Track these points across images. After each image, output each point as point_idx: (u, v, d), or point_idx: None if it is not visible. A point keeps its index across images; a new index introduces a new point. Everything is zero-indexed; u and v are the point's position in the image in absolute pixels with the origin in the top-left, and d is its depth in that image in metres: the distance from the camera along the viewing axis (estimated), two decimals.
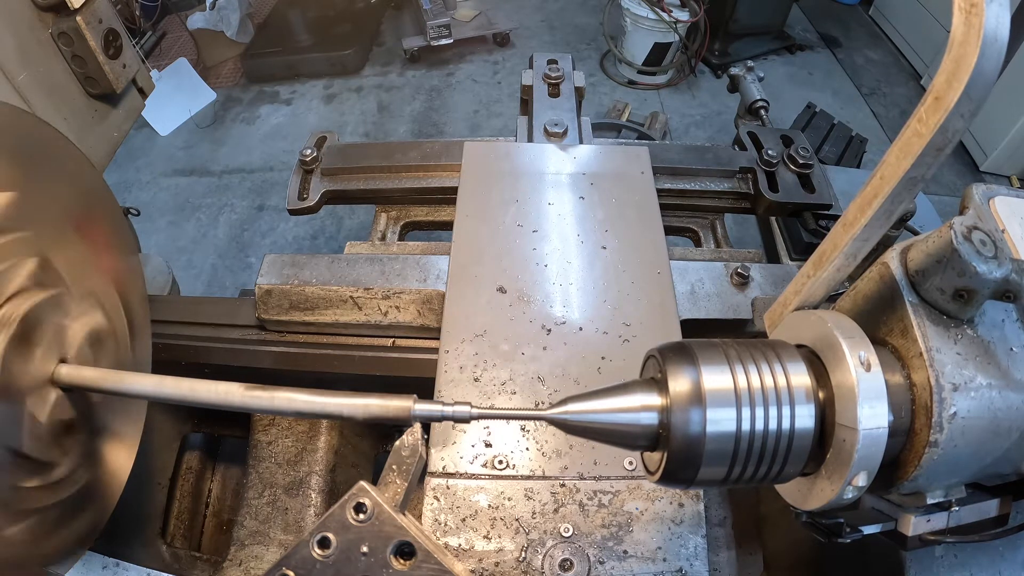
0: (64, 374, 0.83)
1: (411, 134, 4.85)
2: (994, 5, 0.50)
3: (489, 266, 1.29)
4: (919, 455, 0.62)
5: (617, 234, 1.36)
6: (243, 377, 0.79)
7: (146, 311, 1.15)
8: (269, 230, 4.15)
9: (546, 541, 0.96)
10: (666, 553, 0.95)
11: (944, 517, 0.72)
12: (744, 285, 1.35)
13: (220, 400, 0.74)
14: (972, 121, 0.55)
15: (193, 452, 1.75)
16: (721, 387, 0.62)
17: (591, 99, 4.78)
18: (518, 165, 1.52)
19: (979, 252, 0.60)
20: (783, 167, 1.70)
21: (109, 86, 1.54)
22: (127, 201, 3.99)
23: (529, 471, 1.03)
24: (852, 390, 0.60)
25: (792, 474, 0.66)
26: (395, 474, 0.72)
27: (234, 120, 5.04)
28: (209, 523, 1.73)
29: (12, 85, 1.34)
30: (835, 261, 0.68)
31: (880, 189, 0.62)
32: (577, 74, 1.88)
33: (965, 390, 0.61)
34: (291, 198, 1.68)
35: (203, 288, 3.82)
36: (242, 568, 1.40)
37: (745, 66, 2.36)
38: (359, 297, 1.35)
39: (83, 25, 1.43)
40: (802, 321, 0.70)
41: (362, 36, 5.61)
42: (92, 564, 1.16)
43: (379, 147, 1.81)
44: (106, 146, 1.62)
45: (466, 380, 1.12)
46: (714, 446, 0.62)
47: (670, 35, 4.82)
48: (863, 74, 5.44)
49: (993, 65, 0.51)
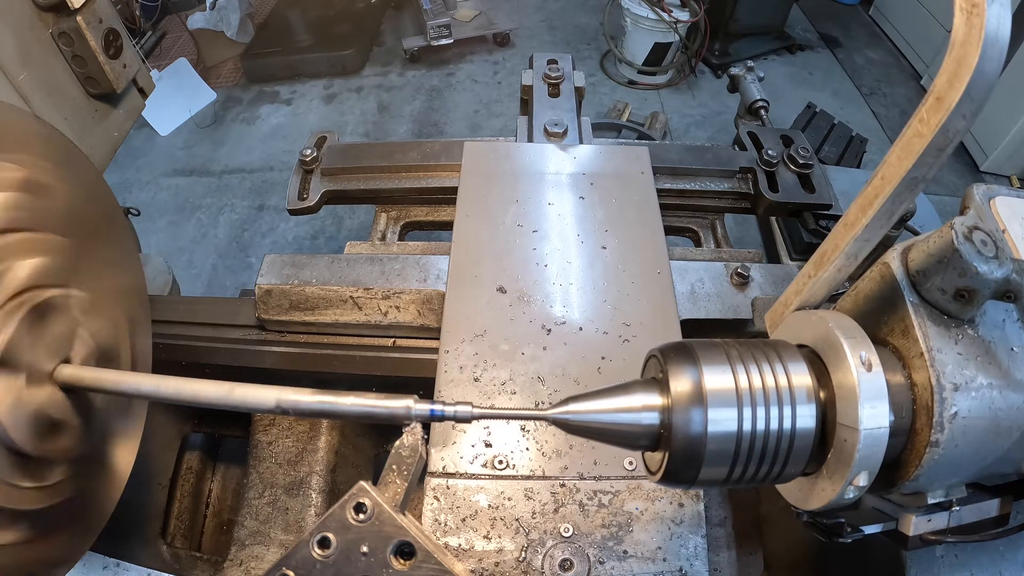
0: (64, 373, 0.83)
1: (411, 134, 4.86)
2: (995, 5, 0.50)
3: (489, 266, 1.29)
4: (920, 455, 0.62)
5: (617, 234, 1.36)
6: (243, 377, 0.79)
7: (146, 311, 1.15)
8: (269, 230, 4.15)
9: (546, 541, 0.96)
10: (666, 553, 0.95)
11: (945, 517, 0.72)
12: (744, 285, 1.35)
13: (220, 400, 0.74)
14: (973, 121, 0.55)
15: (193, 452, 1.75)
16: (722, 387, 0.62)
17: (591, 99, 4.78)
18: (518, 165, 1.52)
19: (980, 252, 0.60)
20: (783, 167, 1.70)
21: (109, 86, 1.54)
22: (127, 201, 3.98)
23: (529, 471, 1.03)
24: (853, 390, 0.60)
25: (793, 474, 0.66)
26: (395, 474, 0.71)
27: (234, 120, 5.04)
28: (209, 523, 1.73)
29: (12, 85, 1.34)
30: (836, 261, 0.68)
31: (881, 189, 0.62)
32: (577, 74, 1.88)
33: (966, 390, 0.61)
34: (291, 198, 1.68)
35: (203, 288, 3.82)
36: (242, 568, 1.40)
37: (745, 66, 2.36)
38: (359, 297, 1.35)
39: (83, 25, 1.43)
40: (803, 321, 0.70)
41: (362, 36, 5.61)
42: (92, 564, 1.16)
43: (379, 147, 1.81)
44: (106, 146, 1.62)
45: (466, 380, 1.12)
46: (715, 446, 0.62)
47: (670, 35, 4.82)
48: (863, 74, 5.44)
49: (994, 65, 0.51)
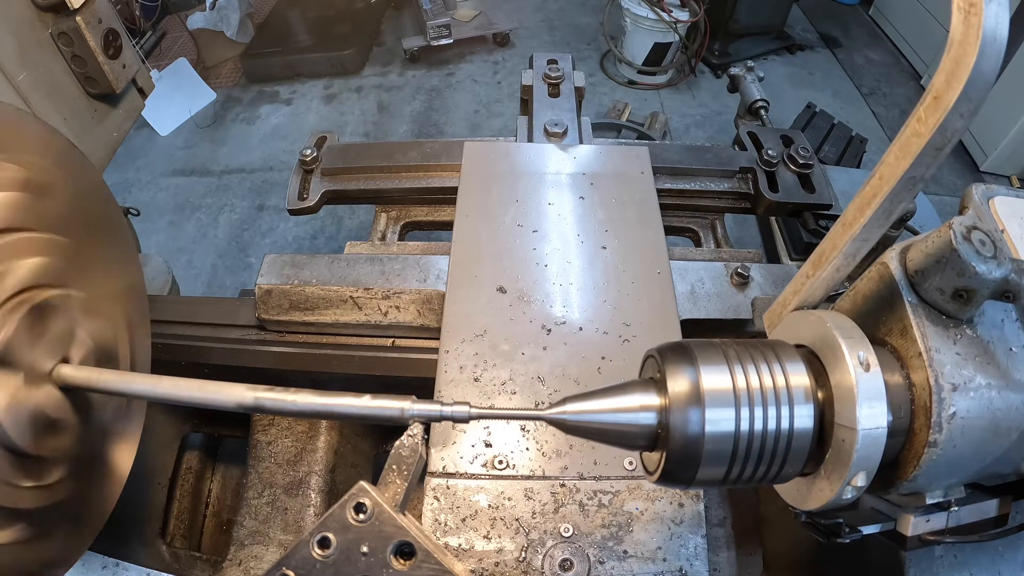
0: (63, 373, 0.83)
1: (411, 134, 4.85)
2: (993, 5, 0.50)
3: (489, 266, 1.29)
4: (918, 455, 0.62)
5: (617, 234, 1.36)
6: (243, 377, 0.79)
7: (146, 311, 1.15)
8: (269, 230, 4.15)
9: (546, 541, 0.96)
10: (666, 553, 0.95)
11: (944, 517, 0.72)
12: (744, 285, 1.35)
13: (219, 400, 0.74)
14: (971, 121, 0.55)
15: (193, 452, 1.75)
16: (720, 387, 0.62)
17: (591, 99, 4.78)
18: (518, 165, 1.52)
19: (978, 252, 0.60)
20: (783, 167, 1.70)
21: (109, 86, 1.54)
22: (127, 201, 3.98)
23: (529, 471, 1.03)
24: (851, 390, 0.60)
25: (791, 474, 0.65)
26: (395, 474, 0.71)
27: (234, 120, 5.04)
28: (209, 523, 1.73)
29: (12, 85, 1.34)
30: (834, 261, 0.68)
31: (879, 189, 0.62)
32: (577, 74, 1.88)
33: (964, 390, 0.61)
34: (291, 198, 1.68)
35: (203, 288, 3.82)
36: (242, 568, 1.40)
37: (745, 66, 2.37)
38: (359, 297, 1.35)
39: (83, 25, 1.43)
40: (801, 321, 0.70)
41: (362, 36, 5.61)
42: (92, 564, 1.16)
43: (379, 147, 1.81)
44: (106, 146, 1.62)
45: (466, 380, 1.12)
46: (713, 446, 0.61)
47: (670, 35, 4.82)
48: (863, 74, 5.44)
49: (992, 65, 0.51)
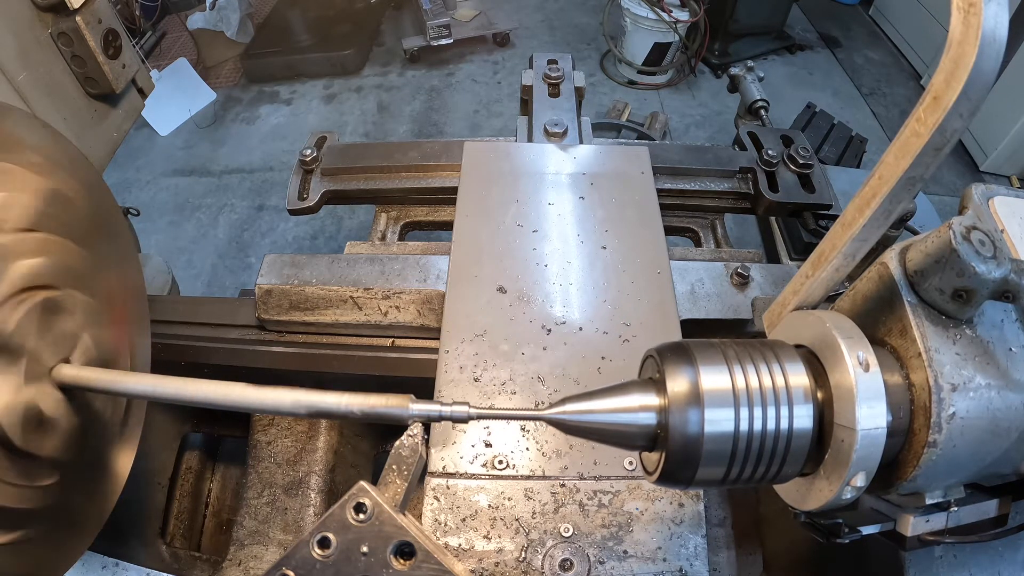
0: (63, 373, 0.83)
1: (411, 134, 4.85)
2: (992, 5, 0.50)
3: (489, 266, 1.29)
4: (918, 455, 0.61)
5: (617, 234, 1.36)
6: (243, 377, 0.79)
7: (145, 311, 1.15)
8: (269, 230, 4.15)
9: (546, 541, 0.96)
10: (666, 553, 0.95)
11: (943, 517, 0.72)
12: (744, 285, 1.35)
13: (219, 400, 0.74)
14: (971, 121, 0.55)
15: (193, 452, 1.75)
16: (719, 387, 0.62)
17: (591, 99, 4.78)
18: (518, 165, 1.52)
19: (978, 252, 0.59)
20: (783, 167, 1.70)
21: (109, 86, 1.54)
22: (127, 201, 3.98)
23: (529, 471, 1.03)
24: (851, 390, 0.60)
25: (791, 474, 0.65)
26: (395, 474, 0.71)
27: (234, 120, 5.04)
28: (209, 523, 1.73)
29: (12, 85, 1.34)
30: (834, 261, 0.68)
31: (878, 189, 0.62)
32: (577, 74, 1.88)
33: (964, 390, 0.61)
34: (291, 198, 1.68)
35: (203, 288, 3.82)
36: (242, 568, 1.40)
37: (745, 66, 2.37)
38: (359, 297, 1.35)
39: (83, 25, 1.42)
40: (801, 321, 0.70)
41: (362, 36, 5.61)
42: (92, 564, 1.16)
43: (379, 147, 1.81)
44: (106, 146, 1.62)
45: (466, 380, 1.12)
46: (712, 446, 0.61)
47: (670, 35, 4.82)
48: (863, 74, 5.44)
49: (992, 65, 0.51)
